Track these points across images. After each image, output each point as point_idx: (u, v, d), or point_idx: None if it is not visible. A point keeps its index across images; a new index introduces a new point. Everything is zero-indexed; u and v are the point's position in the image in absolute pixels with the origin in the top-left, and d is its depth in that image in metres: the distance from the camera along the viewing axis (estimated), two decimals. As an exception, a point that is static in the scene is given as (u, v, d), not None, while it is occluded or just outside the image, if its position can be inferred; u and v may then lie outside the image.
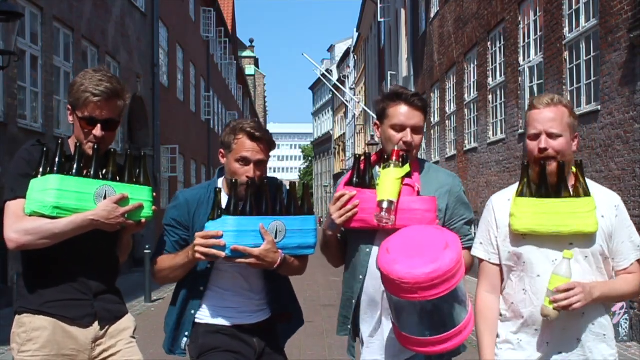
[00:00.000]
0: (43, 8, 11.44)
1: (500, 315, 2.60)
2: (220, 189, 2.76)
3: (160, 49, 19.87)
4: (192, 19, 26.13)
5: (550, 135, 2.47)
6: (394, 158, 2.62)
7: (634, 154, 7.51)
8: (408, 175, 2.64)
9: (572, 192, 2.46)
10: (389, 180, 2.58)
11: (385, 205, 2.56)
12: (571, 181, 2.50)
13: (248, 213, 2.68)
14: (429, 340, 2.42)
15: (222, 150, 2.87)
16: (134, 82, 16.68)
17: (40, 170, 2.53)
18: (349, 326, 2.85)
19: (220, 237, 2.60)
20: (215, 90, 31.13)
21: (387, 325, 2.71)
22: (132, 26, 16.87)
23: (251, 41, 61.43)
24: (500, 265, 2.61)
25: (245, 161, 2.77)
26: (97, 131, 2.60)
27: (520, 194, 2.51)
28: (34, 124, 11.30)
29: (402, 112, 2.72)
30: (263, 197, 2.75)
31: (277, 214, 2.74)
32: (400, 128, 2.71)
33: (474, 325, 2.54)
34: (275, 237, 2.70)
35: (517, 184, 2.57)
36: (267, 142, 2.81)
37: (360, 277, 2.77)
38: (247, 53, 59.29)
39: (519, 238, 2.51)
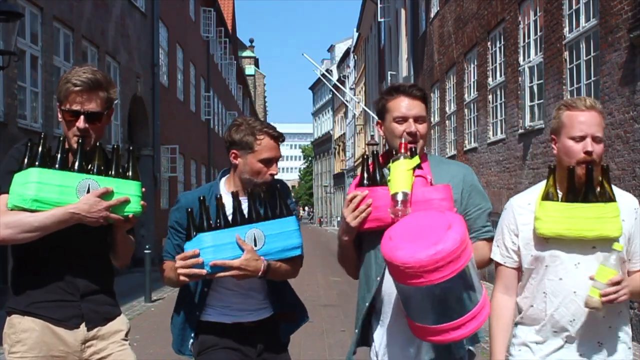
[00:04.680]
0: (43, 8, 11.43)
1: (520, 317, 2.62)
2: (192, 209, 2.74)
3: (160, 49, 19.86)
4: (192, 19, 26.12)
5: (595, 139, 2.47)
6: (402, 151, 2.57)
7: (634, 154, 7.51)
8: (418, 166, 2.57)
9: (598, 197, 2.45)
10: (400, 173, 2.51)
11: (399, 197, 2.47)
12: (597, 186, 2.49)
13: (223, 226, 2.68)
14: (442, 328, 2.35)
15: (236, 151, 2.87)
16: (134, 82, 16.68)
17: (25, 163, 2.51)
18: (358, 330, 2.77)
19: (198, 255, 2.62)
20: (215, 90, 31.12)
21: (398, 328, 2.65)
22: (132, 26, 16.87)
23: (251, 41, 61.43)
24: (517, 269, 2.62)
25: (270, 161, 2.83)
26: (80, 123, 2.57)
27: (546, 197, 2.50)
28: (34, 124, 11.29)
29: (402, 104, 2.69)
30: (236, 208, 2.74)
31: (252, 222, 2.72)
32: (402, 120, 2.68)
33: (489, 311, 2.48)
34: (255, 245, 2.69)
35: (542, 185, 2.57)
36: (283, 140, 2.91)
37: (378, 278, 2.68)
38: (247, 53, 59.29)
39: (542, 242, 2.52)
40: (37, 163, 2.49)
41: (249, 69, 58.79)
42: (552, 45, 10.03)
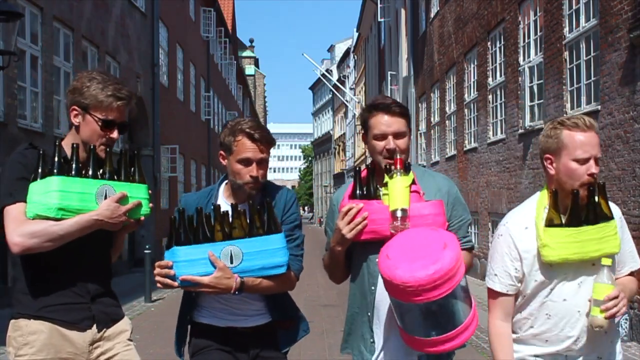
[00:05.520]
0: (43, 8, 11.44)
1: (517, 336, 2.60)
2: (174, 217, 2.71)
3: (160, 49, 19.87)
4: (192, 19, 26.12)
5: (596, 160, 2.45)
6: (398, 167, 2.62)
7: (634, 154, 7.51)
8: (412, 182, 2.65)
9: (599, 217, 2.44)
10: (398, 189, 2.58)
11: (399, 214, 2.55)
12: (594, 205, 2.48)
13: (201, 240, 2.67)
14: (436, 340, 2.43)
15: (222, 152, 2.88)
16: (134, 82, 16.68)
17: (39, 172, 2.51)
18: (362, 341, 2.79)
19: (171, 267, 2.63)
20: (215, 90, 31.13)
21: (395, 334, 2.68)
22: (132, 26, 16.87)
23: (251, 41, 61.42)
24: (516, 295, 2.58)
25: (247, 162, 2.79)
26: (115, 134, 2.64)
27: (550, 223, 2.45)
28: (34, 124, 11.30)
29: (381, 121, 2.74)
30: (217, 221, 2.70)
31: (232, 238, 2.67)
32: (381, 137, 2.73)
33: (478, 321, 2.54)
34: (231, 262, 2.65)
35: (533, 205, 2.55)
36: (267, 141, 2.82)
37: (372, 288, 2.74)
38: (247, 53, 59.28)
39: (547, 267, 2.48)
40: (55, 171, 2.50)
41: (249, 69, 58.78)
42: (552, 45, 10.03)
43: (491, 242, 2.92)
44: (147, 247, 11.60)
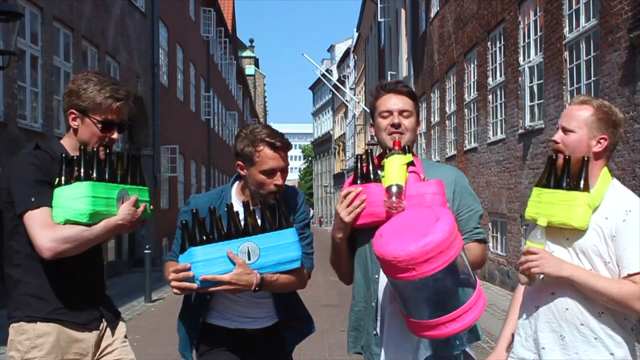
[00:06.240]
0: (43, 8, 11.43)
1: None
2: (186, 221, 2.71)
3: (160, 49, 19.86)
4: (192, 19, 26.12)
5: (563, 130, 2.54)
6: (396, 147, 2.61)
7: (634, 154, 7.51)
8: (411, 163, 2.61)
9: (570, 185, 2.46)
10: (394, 167, 2.55)
11: (394, 189, 2.50)
12: (576, 176, 2.49)
13: (217, 239, 2.66)
14: (438, 322, 2.36)
15: (241, 163, 2.84)
16: (134, 82, 16.67)
17: (63, 177, 2.50)
18: (369, 333, 2.70)
19: (189, 269, 2.60)
20: (215, 90, 31.12)
21: (398, 323, 2.62)
22: (132, 26, 16.87)
23: (251, 41, 61.41)
24: None
25: (272, 172, 2.78)
26: (115, 135, 2.65)
27: (536, 183, 2.60)
28: (34, 124, 11.29)
29: (387, 100, 2.75)
30: (230, 220, 2.70)
31: (248, 235, 2.67)
32: (387, 114, 2.73)
33: (485, 303, 2.48)
34: (248, 259, 2.65)
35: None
36: (287, 147, 2.84)
37: (376, 276, 2.67)
38: (247, 53, 59.27)
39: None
40: (83, 176, 2.50)
41: (249, 69, 58.77)
42: (552, 45, 10.03)
43: (491, 242, 2.97)
44: (147, 247, 11.60)
